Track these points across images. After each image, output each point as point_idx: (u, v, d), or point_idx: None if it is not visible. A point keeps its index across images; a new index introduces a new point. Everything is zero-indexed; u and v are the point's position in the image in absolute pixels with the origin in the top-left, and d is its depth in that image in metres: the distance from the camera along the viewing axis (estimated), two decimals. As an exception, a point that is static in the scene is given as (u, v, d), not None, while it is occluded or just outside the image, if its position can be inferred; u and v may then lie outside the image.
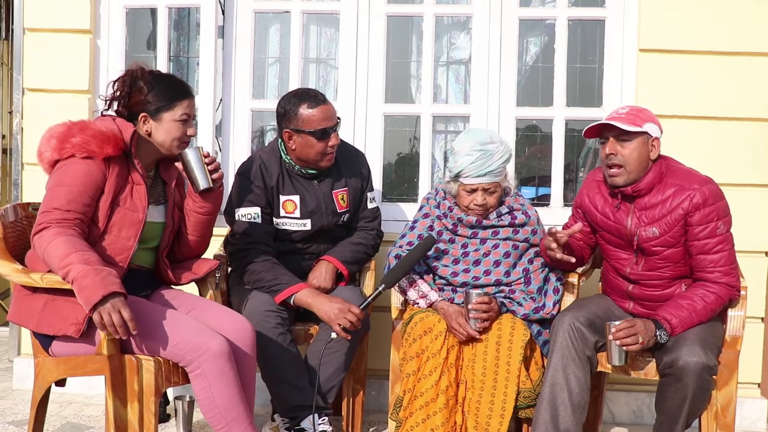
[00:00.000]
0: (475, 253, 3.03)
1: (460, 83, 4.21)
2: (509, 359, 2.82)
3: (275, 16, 4.02)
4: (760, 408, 3.62)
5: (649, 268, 2.85)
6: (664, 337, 2.68)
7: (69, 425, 3.37)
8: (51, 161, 2.54)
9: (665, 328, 2.68)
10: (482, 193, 2.98)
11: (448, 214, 3.08)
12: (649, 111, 2.83)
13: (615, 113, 2.82)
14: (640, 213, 2.82)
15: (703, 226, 2.73)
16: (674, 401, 2.63)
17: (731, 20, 3.55)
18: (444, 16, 4.01)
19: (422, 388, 2.84)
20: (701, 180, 2.78)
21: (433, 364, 2.85)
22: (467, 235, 3.05)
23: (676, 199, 2.76)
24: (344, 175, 3.24)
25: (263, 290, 3.01)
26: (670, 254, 2.80)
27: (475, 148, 2.93)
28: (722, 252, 2.74)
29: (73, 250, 2.34)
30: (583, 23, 3.92)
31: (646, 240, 2.80)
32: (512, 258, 3.02)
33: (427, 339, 2.88)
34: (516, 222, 3.05)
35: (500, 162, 2.95)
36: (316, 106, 3.04)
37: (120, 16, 3.81)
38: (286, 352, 2.94)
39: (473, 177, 2.95)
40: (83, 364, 2.52)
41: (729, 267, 2.76)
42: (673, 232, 2.76)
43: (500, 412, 2.79)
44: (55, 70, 3.75)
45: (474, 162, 2.92)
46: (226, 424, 2.50)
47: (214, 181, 2.71)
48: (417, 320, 2.92)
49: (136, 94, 2.64)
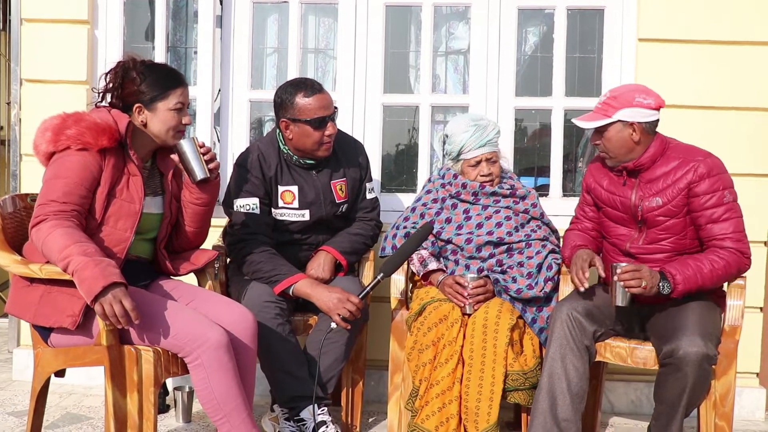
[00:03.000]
0: (477, 217, 3.12)
1: (459, 73, 4.20)
2: (495, 342, 2.83)
3: (273, 6, 4.01)
4: (758, 397, 3.63)
5: (650, 241, 2.86)
6: (667, 289, 2.70)
7: (69, 416, 3.38)
8: (47, 153, 2.54)
9: (669, 281, 2.70)
10: (486, 164, 3.13)
11: (452, 181, 3.17)
12: (630, 92, 2.84)
13: (597, 103, 2.89)
14: (644, 186, 2.85)
15: (709, 195, 2.75)
16: (674, 391, 2.64)
17: (731, 9, 3.54)
18: (443, 6, 3.99)
19: (438, 376, 2.84)
20: (704, 153, 2.84)
21: (450, 352, 2.86)
22: (470, 200, 3.14)
23: (680, 171, 2.80)
24: (343, 165, 3.24)
25: (262, 281, 3.00)
26: (671, 225, 2.82)
27: (470, 125, 3.12)
28: (730, 220, 2.76)
29: (71, 242, 2.34)
30: (582, 13, 3.91)
31: (649, 210, 2.83)
32: (513, 222, 3.11)
33: (443, 327, 2.89)
34: (517, 193, 3.17)
35: (494, 133, 3.14)
36: (312, 94, 3.03)
37: (118, 6, 3.80)
38: (285, 342, 2.94)
39: (475, 149, 3.10)
40: (82, 354, 2.52)
41: (739, 234, 2.77)
42: (675, 201, 2.79)
43: (489, 396, 2.80)
44: (52, 61, 3.73)
45: (472, 135, 3.09)
46: (224, 415, 2.50)
47: (211, 171, 2.71)
48: (431, 309, 2.93)
49: (129, 84, 2.63)
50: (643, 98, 2.81)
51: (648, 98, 2.82)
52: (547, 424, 2.74)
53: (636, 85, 2.97)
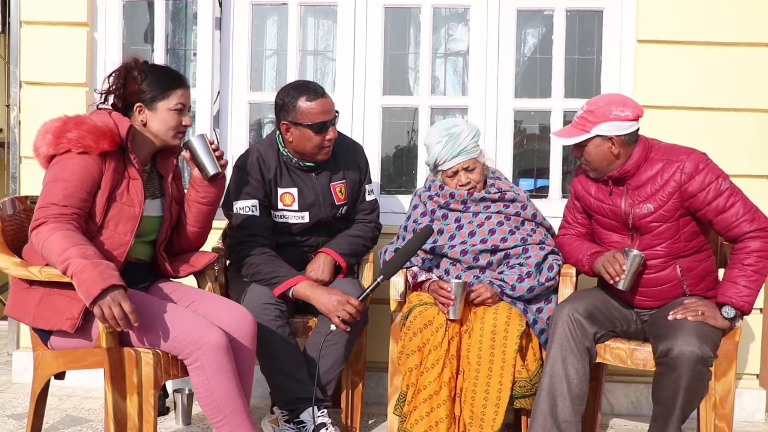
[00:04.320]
0: (469, 225, 3.09)
1: (458, 75, 4.20)
2: (504, 348, 2.82)
3: (273, 8, 4.01)
4: (758, 399, 3.63)
5: (643, 248, 2.85)
6: (731, 312, 2.72)
7: (68, 418, 3.38)
8: (47, 156, 2.54)
9: (731, 304, 2.73)
10: (463, 173, 3.10)
11: (439, 193, 3.14)
12: (607, 105, 2.81)
13: (575, 116, 2.87)
14: (633, 192, 2.84)
15: (705, 190, 2.75)
16: (668, 391, 2.63)
17: (730, 11, 3.55)
18: (442, 7, 3.99)
19: (425, 381, 2.84)
20: (686, 150, 2.82)
21: (435, 357, 2.85)
22: (459, 209, 3.12)
23: (666, 173, 2.79)
24: (342, 167, 3.24)
25: (262, 283, 3.00)
26: (664, 230, 2.82)
27: (442, 135, 3.08)
28: (736, 203, 2.76)
29: (70, 245, 2.34)
30: (581, 14, 3.91)
31: (641, 217, 2.82)
32: (506, 227, 3.08)
33: (428, 332, 2.88)
34: (506, 197, 3.13)
35: (468, 139, 3.07)
36: (314, 99, 3.03)
37: (117, 8, 3.80)
38: (285, 344, 2.93)
39: (449, 160, 3.08)
40: (82, 357, 2.52)
41: (751, 212, 2.76)
42: (667, 206, 2.79)
43: (495, 402, 2.80)
44: (52, 63, 3.73)
45: (444, 147, 3.06)
46: (223, 417, 2.50)
47: (222, 167, 2.75)
48: (416, 314, 2.92)
49: (131, 84, 2.64)
50: (620, 111, 2.79)
51: (625, 110, 2.79)
52: (547, 426, 2.74)
53: (613, 96, 2.91)
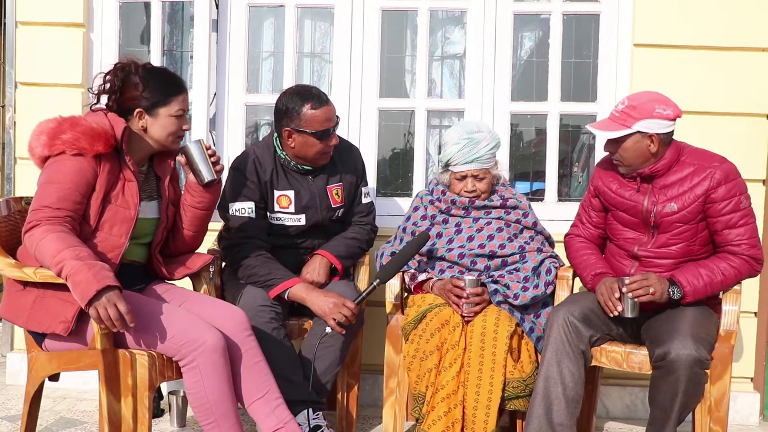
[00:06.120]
0: (468, 230, 3.09)
1: (455, 78, 4.20)
2: (494, 349, 2.82)
3: (269, 10, 4.01)
4: (752, 402, 3.63)
5: (659, 245, 2.86)
6: (677, 293, 2.75)
7: (63, 420, 3.37)
8: (41, 157, 2.53)
9: (679, 287, 2.75)
10: (472, 180, 3.08)
11: (441, 198, 3.14)
12: (650, 102, 2.80)
13: (613, 109, 2.86)
14: (658, 191, 2.85)
15: (727, 201, 2.77)
16: (666, 395, 2.64)
17: (726, 15, 3.55)
18: (438, 10, 4.00)
19: (443, 380, 2.84)
20: (719, 158, 2.84)
21: (453, 356, 2.85)
22: (460, 215, 3.12)
23: (696, 177, 2.80)
24: (339, 170, 3.23)
25: (257, 285, 3.00)
26: (683, 230, 2.83)
27: (462, 137, 3.05)
28: (747, 225, 2.79)
29: (64, 246, 2.33)
30: (577, 18, 3.91)
31: (664, 215, 2.83)
32: (506, 233, 3.08)
33: (445, 331, 2.88)
34: (507, 204, 3.13)
35: (487, 149, 3.04)
36: (320, 107, 3.02)
37: (113, 9, 3.79)
38: (280, 346, 2.93)
39: (461, 164, 3.05)
40: (77, 358, 2.52)
41: (754, 240, 2.81)
42: (691, 208, 2.80)
43: (486, 404, 2.79)
44: (47, 64, 3.72)
45: (461, 150, 3.03)
46: (214, 419, 2.50)
47: (217, 173, 2.74)
48: (432, 315, 2.91)
49: (131, 89, 2.62)
50: (662, 109, 2.79)
51: (667, 109, 2.80)
52: (542, 429, 2.74)
53: (654, 94, 2.89)
